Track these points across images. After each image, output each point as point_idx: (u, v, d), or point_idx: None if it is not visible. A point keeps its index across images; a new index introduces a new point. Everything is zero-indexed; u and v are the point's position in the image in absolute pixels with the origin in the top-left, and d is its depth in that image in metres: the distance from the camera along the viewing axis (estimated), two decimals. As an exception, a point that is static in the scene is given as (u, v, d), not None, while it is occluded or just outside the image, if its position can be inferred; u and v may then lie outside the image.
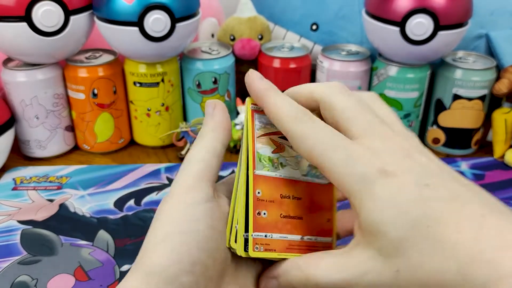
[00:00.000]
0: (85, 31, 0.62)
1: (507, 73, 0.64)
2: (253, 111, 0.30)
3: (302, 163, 0.31)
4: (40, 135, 0.65)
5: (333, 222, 0.31)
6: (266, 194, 0.29)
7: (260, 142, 0.30)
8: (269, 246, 0.29)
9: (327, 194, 0.31)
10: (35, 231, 0.53)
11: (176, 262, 0.25)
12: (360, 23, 0.71)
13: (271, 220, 0.29)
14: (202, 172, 0.28)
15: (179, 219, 0.26)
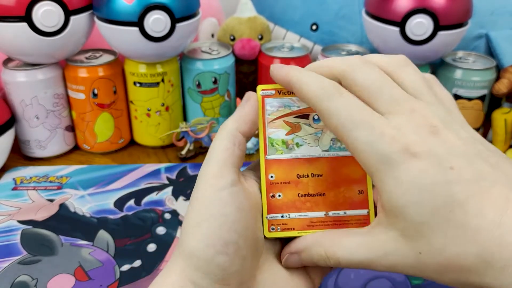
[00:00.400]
0: (85, 31, 0.62)
1: (507, 73, 0.64)
2: (263, 97, 0.31)
3: (323, 139, 0.31)
4: (40, 135, 0.65)
5: (367, 193, 0.31)
6: (280, 177, 0.30)
7: (273, 126, 0.31)
8: (287, 226, 0.30)
9: (357, 165, 0.30)
10: (35, 231, 0.53)
11: (210, 244, 0.27)
12: (360, 23, 0.71)
13: (287, 200, 0.30)
14: (226, 160, 0.28)
15: (209, 204, 0.27)
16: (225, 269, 0.27)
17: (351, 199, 0.30)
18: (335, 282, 0.46)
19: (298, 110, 0.31)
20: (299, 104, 0.31)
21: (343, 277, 0.47)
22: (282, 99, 0.31)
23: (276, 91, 0.31)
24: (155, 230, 0.53)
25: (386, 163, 0.24)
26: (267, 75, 0.68)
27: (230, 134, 0.29)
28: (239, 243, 0.27)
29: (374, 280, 0.47)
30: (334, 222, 0.30)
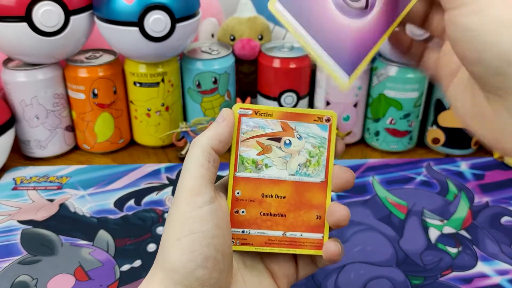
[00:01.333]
0: (85, 31, 0.62)
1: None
2: (240, 115, 0.32)
3: (291, 163, 0.32)
4: (40, 135, 0.65)
5: (324, 219, 0.32)
6: (246, 194, 0.32)
7: (245, 145, 0.32)
8: (246, 241, 0.32)
9: (319, 192, 0.32)
10: (35, 231, 0.53)
11: (190, 259, 0.28)
12: (360, 23, 0.71)
13: (249, 217, 0.32)
14: (204, 176, 0.30)
15: (189, 221, 0.29)
16: (204, 282, 0.28)
17: (309, 223, 0.32)
18: (335, 282, 0.46)
19: (271, 133, 0.32)
20: (273, 127, 0.32)
21: (343, 277, 0.47)
22: (257, 120, 0.32)
23: (253, 111, 0.32)
24: (155, 230, 0.53)
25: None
26: (267, 75, 0.68)
27: (205, 151, 0.30)
28: (217, 257, 0.29)
29: (374, 280, 0.47)
30: (290, 242, 0.33)
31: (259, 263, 0.34)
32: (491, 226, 0.54)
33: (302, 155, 0.32)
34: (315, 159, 0.32)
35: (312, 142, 0.33)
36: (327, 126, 0.33)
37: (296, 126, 0.32)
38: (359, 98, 0.67)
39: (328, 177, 0.32)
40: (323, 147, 0.33)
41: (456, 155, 0.68)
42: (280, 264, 0.34)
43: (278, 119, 0.32)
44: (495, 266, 0.49)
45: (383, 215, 0.55)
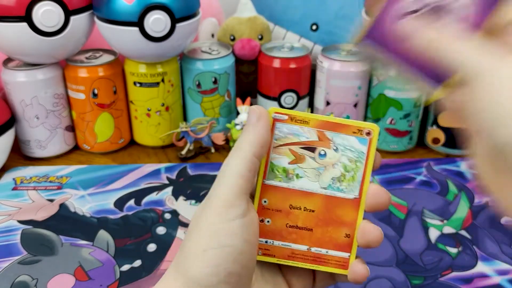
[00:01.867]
0: (85, 31, 0.62)
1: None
2: (274, 120, 0.30)
3: (324, 176, 0.31)
4: (40, 135, 0.65)
5: (353, 237, 0.31)
6: (273, 203, 0.31)
7: (277, 152, 0.30)
8: (269, 252, 0.31)
9: (350, 209, 0.31)
10: (35, 231, 0.53)
11: (214, 273, 0.27)
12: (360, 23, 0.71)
13: (275, 228, 0.31)
14: (242, 188, 0.28)
15: (218, 233, 0.27)
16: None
17: (336, 240, 0.31)
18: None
19: (306, 141, 0.30)
20: (308, 136, 0.30)
21: (343, 277, 0.47)
22: (292, 127, 0.30)
23: (289, 117, 0.30)
24: (155, 230, 0.53)
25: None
26: (267, 75, 0.68)
27: (248, 159, 0.28)
28: (241, 273, 0.28)
29: (374, 280, 0.47)
30: (314, 258, 0.31)
31: (277, 274, 0.32)
32: (491, 226, 0.54)
33: (337, 169, 0.31)
34: (350, 174, 0.31)
35: (349, 155, 0.31)
36: (366, 140, 0.31)
37: (333, 137, 0.30)
38: (359, 98, 0.67)
39: (362, 194, 0.31)
40: (360, 162, 0.31)
41: (456, 155, 0.68)
42: (299, 277, 0.33)
43: (315, 128, 0.30)
44: (495, 266, 0.49)
45: (383, 215, 0.55)
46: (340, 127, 0.30)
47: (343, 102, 0.67)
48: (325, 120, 0.30)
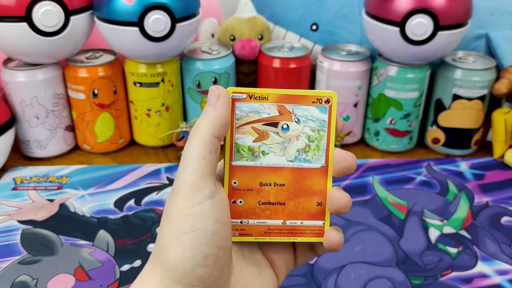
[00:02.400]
0: (85, 31, 0.62)
1: (506, 73, 0.64)
2: (234, 100, 0.30)
3: (289, 149, 0.31)
4: (40, 135, 0.65)
5: (325, 205, 0.31)
6: (243, 183, 0.31)
7: (240, 132, 0.30)
8: (245, 231, 0.31)
9: (319, 178, 0.31)
10: (35, 231, 0.53)
11: (190, 258, 0.27)
12: (360, 23, 0.71)
13: (248, 207, 0.31)
14: (204, 169, 0.28)
15: (189, 218, 0.27)
16: (204, 280, 0.27)
17: (309, 210, 0.31)
18: (335, 282, 0.46)
19: (267, 117, 0.30)
20: (269, 111, 0.30)
21: (343, 277, 0.47)
22: (252, 104, 0.30)
23: (247, 95, 0.30)
24: (155, 230, 0.53)
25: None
26: (267, 75, 0.68)
27: (207, 140, 0.28)
28: (218, 254, 0.28)
29: (374, 280, 0.47)
30: (290, 231, 0.31)
31: (257, 253, 0.33)
32: (491, 226, 0.54)
33: (301, 140, 0.31)
34: (314, 144, 0.31)
35: (311, 125, 0.31)
36: (326, 108, 0.31)
37: (294, 109, 0.30)
38: (359, 98, 0.67)
39: (329, 162, 0.31)
40: (323, 130, 0.31)
41: (456, 155, 0.68)
42: (279, 253, 0.33)
43: (274, 103, 0.30)
44: (495, 266, 0.49)
45: (383, 215, 0.55)
46: (299, 99, 0.30)
47: (343, 102, 0.67)
48: (284, 94, 0.30)
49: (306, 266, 0.48)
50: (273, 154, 0.31)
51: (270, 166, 0.31)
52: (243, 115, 0.30)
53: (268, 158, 0.31)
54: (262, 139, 0.31)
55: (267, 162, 0.31)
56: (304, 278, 0.47)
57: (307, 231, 0.32)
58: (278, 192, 0.31)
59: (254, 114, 0.30)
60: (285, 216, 0.31)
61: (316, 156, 0.31)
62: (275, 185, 0.31)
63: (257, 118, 0.30)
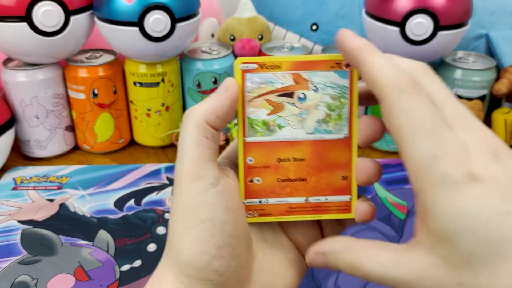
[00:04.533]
0: (85, 31, 0.62)
1: (507, 73, 0.64)
2: (244, 71, 0.28)
3: (308, 120, 0.28)
4: (40, 135, 0.65)
5: (351, 178, 0.29)
6: (259, 161, 0.29)
7: (253, 105, 0.28)
8: (264, 211, 0.29)
9: (343, 149, 0.29)
10: (35, 231, 0.53)
11: (204, 251, 0.25)
12: (360, 23, 0.71)
13: (266, 185, 0.29)
14: (202, 156, 0.26)
15: (194, 209, 0.26)
16: (222, 273, 0.26)
17: (334, 185, 0.29)
18: (335, 282, 0.46)
19: (282, 88, 0.28)
20: (283, 81, 0.28)
21: (343, 277, 0.47)
22: (264, 74, 0.28)
23: (258, 65, 0.28)
24: (155, 230, 0.53)
25: (444, 184, 0.22)
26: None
27: (200, 126, 0.27)
28: (232, 244, 0.26)
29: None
30: (314, 208, 0.29)
31: (282, 236, 0.30)
32: (491, 226, 0.54)
33: (320, 110, 0.28)
34: (336, 113, 0.28)
35: (330, 93, 0.28)
36: (347, 73, 0.28)
37: (311, 76, 0.28)
38: (359, 98, 0.67)
39: (353, 131, 0.28)
40: (344, 97, 0.28)
41: (456, 155, 0.68)
42: (305, 233, 0.31)
43: (289, 71, 0.28)
44: (495, 266, 0.49)
45: (383, 215, 0.55)
46: (316, 65, 0.28)
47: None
48: (299, 60, 0.28)
49: (306, 266, 0.48)
50: (290, 127, 0.28)
51: (288, 140, 0.28)
52: (254, 87, 0.28)
53: (285, 131, 0.28)
54: (277, 111, 0.28)
55: (284, 136, 0.28)
56: (304, 278, 0.47)
57: (333, 207, 0.29)
58: (298, 167, 0.29)
59: (267, 85, 0.28)
60: (308, 193, 0.29)
61: (338, 126, 0.28)
62: (294, 160, 0.29)
63: (271, 89, 0.28)
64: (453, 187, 0.22)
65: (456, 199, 0.22)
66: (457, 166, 0.22)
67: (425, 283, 0.23)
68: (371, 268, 0.25)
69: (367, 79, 0.25)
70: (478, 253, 0.21)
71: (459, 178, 0.22)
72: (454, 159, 0.22)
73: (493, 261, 0.21)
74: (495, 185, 0.22)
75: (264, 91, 0.28)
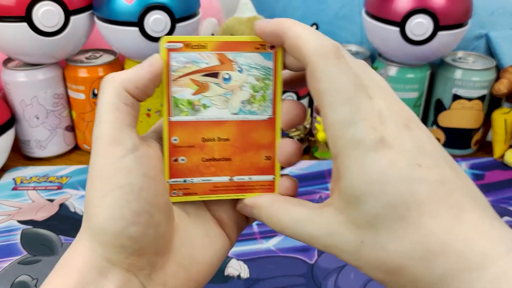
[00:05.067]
0: (85, 31, 0.62)
1: (506, 73, 0.64)
2: (169, 50, 0.27)
3: (232, 101, 0.29)
4: (40, 135, 0.65)
5: (274, 158, 0.30)
6: (184, 140, 0.29)
7: (178, 84, 0.28)
8: (189, 190, 0.29)
9: (267, 130, 0.29)
10: (35, 231, 0.53)
11: (119, 217, 0.25)
12: (360, 23, 0.71)
13: (191, 165, 0.29)
14: (122, 121, 0.26)
15: (112, 174, 0.25)
16: (138, 240, 0.25)
17: (257, 165, 0.29)
18: (335, 282, 0.46)
19: (207, 68, 0.28)
20: (208, 61, 0.28)
21: (343, 277, 0.47)
22: (190, 54, 0.28)
23: (184, 44, 0.28)
24: (155, 230, 0.53)
25: (357, 148, 0.23)
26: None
27: (120, 91, 0.26)
28: (150, 211, 0.26)
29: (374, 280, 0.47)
30: (238, 187, 0.30)
31: (204, 212, 0.30)
32: (491, 226, 0.54)
33: (245, 90, 0.28)
34: (260, 94, 0.29)
35: (255, 74, 0.28)
36: (271, 54, 0.28)
37: (236, 57, 0.28)
38: (359, 98, 0.67)
39: (276, 112, 0.29)
40: (268, 79, 0.28)
41: (456, 155, 0.68)
42: (228, 211, 0.31)
43: (214, 51, 0.28)
44: (495, 266, 0.49)
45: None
46: (241, 46, 0.28)
47: (343, 102, 0.67)
48: (224, 41, 0.28)
49: (306, 266, 0.48)
50: (215, 107, 0.28)
51: (213, 120, 0.29)
52: (180, 66, 0.28)
53: (210, 111, 0.28)
54: (202, 91, 0.28)
55: (209, 116, 0.28)
56: (304, 278, 0.47)
57: (257, 186, 0.30)
58: (222, 147, 0.29)
59: (192, 65, 0.28)
60: (232, 172, 0.29)
61: (262, 107, 0.29)
62: (219, 140, 0.29)
63: (196, 68, 0.28)
64: (364, 152, 0.23)
65: (366, 163, 0.23)
66: (370, 132, 0.23)
67: (332, 239, 0.25)
68: (286, 222, 0.27)
69: (292, 47, 0.25)
70: (382, 215, 0.23)
71: (371, 143, 0.23)
72: (368, 125, 0.23)
73: (394, 224, 0.23)
74: (403, 152, 0.23)
75: (189, 71, 0.28)
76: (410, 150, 0.24)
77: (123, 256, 0.25)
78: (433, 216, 0.22)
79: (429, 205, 0.23)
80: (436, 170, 0.23)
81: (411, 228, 0.23)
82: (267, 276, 0.47)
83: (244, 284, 0.46)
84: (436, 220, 0.22)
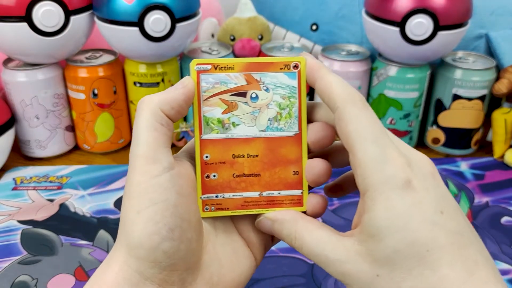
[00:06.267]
0: (85, 31, 0.62)
1: (506, 73, 0.64)
2: (198, 72, 0.29)
3: (260, 118, 0.30)
4: (40, 135, 0.65)
5: (302, 173, 0.31)
6: (215, 157, 0.30)
7: (208, 104, 0.30)
8: (221, 206, 0.31)
9: (293, 146, 0.30)
10: (35, 231, 0.53)
11: (154, 232, 0.26)
12: (360, 23, 0.71)
13: (222, 181, 0.30)
14: (158, 141, 0.27)
15: (148, 191, 0.26)
16: (172, 255, 0.26)
17: (286, 180, 0.31)
18: (335, 282, 0.46)
19: (235, 88, 0.30)
20: (236, 81, 0.30)
21: (343, 277, 0.47)
22: (218, 75, 0.29)
23: (212, 66, 0.29)
24: (155, 230, 0.53)
25: (386, 184, 0.25)
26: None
27: (156, 113, 0.27)
28: (183, 227, 0.27)
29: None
30: (267, 202, 0.31)
31: (232, 232, 0.32)
32: (491, 226, 0.54)
33: (272, 108, 0.30)
34: (286, 111, 0.30)
35: (281, 93, 0.30)
36: (295, 74, 0.30)
37: (262, 77, 0.30)
38: (359, 98, 0.67)
39: (302, 128, 0.30)
40: (293, 97, 0.30)
41: (456, 155, 0.68)
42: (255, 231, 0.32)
43: (241, 72, 0.29)
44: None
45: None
46: (266, 66, 0.30)
47: (343, 102, 0.67)
48: (250, 62, 0.30)
49: (306, 266, 0.48)
50: (243, 125, 0.30)
51: (242, 137, 0.30)
52: (209, 86, 0.29)
53: (239, 129, 0.30)
54: (231, 110, 0.30)
55: (238, 133, 0.30)
56: (304, 278, 0.47)
57: (285, 201, 0.31)
58: (252, 163, 0.30)
59: (221, 85, 0.29)
60: (262, 187, 0.31)
61: (288, 124, 0.30)
62: (248, 156, 0.30)
63: (224, 89, 0.30)
64: (393, 188, 0.25)
65: (394, 199, 0.25)
66: (400, 171, 0.25)
67: (347, 266, 0.26)
68: (307, 241, 0.28)
69: (323, 92, 0.28)
70: (402, 252, 0.24)
71: (400, 182, 0.25)
72: (398, 165, 0.25)
73: (412, 262, 0.24)
74: (428, 197, 0.25)
75: (218, 91, 0.30)
76: (434, 196, 0.25)
77: (157, 271, 0.26)
78: (450, 264, 0.24)
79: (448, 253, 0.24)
80: (455, 221, 0.25)
81: (428, 270, 0.24)
82: (267, 276, 0.47)
83: (244, 284, 0.46)
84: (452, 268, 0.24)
